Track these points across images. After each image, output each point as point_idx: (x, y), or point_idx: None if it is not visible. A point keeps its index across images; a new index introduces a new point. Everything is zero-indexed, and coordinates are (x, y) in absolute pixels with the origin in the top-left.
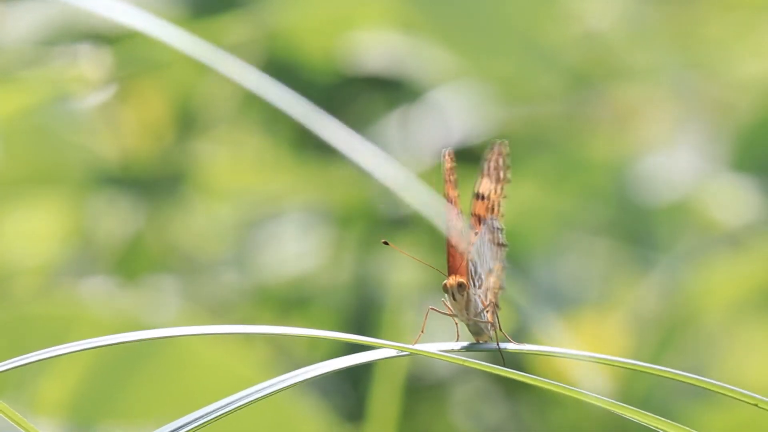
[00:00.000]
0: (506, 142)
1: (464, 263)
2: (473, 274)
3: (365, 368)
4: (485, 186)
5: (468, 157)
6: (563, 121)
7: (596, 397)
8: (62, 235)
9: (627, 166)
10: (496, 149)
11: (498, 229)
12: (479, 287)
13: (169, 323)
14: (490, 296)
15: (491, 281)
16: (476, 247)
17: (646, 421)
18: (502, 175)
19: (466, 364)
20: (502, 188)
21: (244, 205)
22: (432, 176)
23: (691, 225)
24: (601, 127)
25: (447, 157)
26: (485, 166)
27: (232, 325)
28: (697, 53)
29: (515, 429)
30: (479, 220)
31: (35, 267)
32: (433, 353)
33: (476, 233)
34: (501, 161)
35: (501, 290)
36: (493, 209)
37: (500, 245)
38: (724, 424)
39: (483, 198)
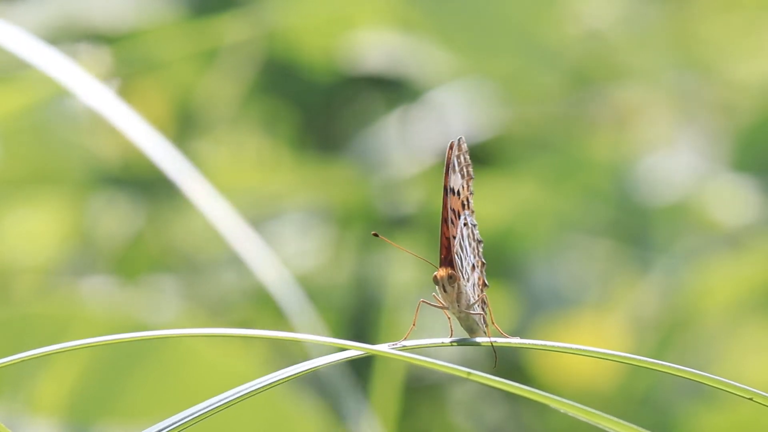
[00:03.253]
0: (464, 138)
1: (453, 255)
2: (460, 267)
3: (365, 368)
4: (455, 182)
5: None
6: (563, 121)
7: (585, 409)
8: (62, 235)
9: (627, 166)
10: (457, 145)
11: (473, 224)
12: (467, 281)
13: (169, 323)
14: (477, 291)
15: (475, 277)
16: (458, 240)
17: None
18: (467, 171)
19: (453, 372)
20: (469, 183)
21: (244, 205)
22: (431, 176)
23: (691, 225)
24: (601, 127)
25: (455, 145)
26: (453, 162)
27: (231, 325)
28: (696, 53)
29: (515, 429)
30: (456, 214)
31: (35, 267)
32: (422, 360)
33: (465, 225)
34: (464, 158)
35: (485, 287)
36: (463, 205)
37: (478, 241)
38: (724, 423)
39: (456, 193)
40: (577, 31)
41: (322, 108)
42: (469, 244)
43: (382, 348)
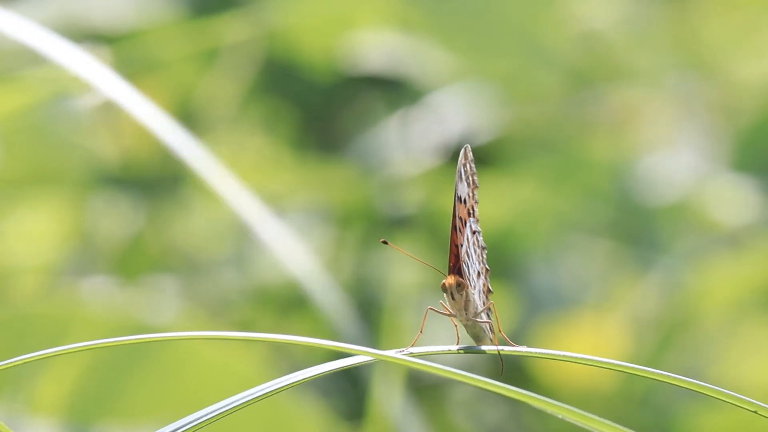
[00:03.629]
0: (469, 146)
1: (462, 264)
2: (467, 275)
3: (365, 368)
4: (462, 190)
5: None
6: (563, 121)
7: (586, 415)
8: (62, 235)
9: (627, 166)
10: (463, 154)
11: (478, 231)
12: (474, 288)
13: (169, 323)
14: (483, 299)
15: (480, 283)
16: (465, 248)
17: None
18: (472, 179)
19: (456, 377)
20: (474, 192)
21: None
22: (431, 176)
23: (691, 225)
24: (601, 128)
25: (462, 153)
26: (460, 171)
27: (231, 325)
28: (697, 54)
29: (515, 429)
30: (463, 222)
31: (35, 267)
32: (432, 367)
33: (474, 233)
34: (470, 166)
35: (489, 293)
36: (469, 213)
37: (482, 248)
38: (723, 424)
39: (463, 201)
40: (577, 31)
41: (322, 108)
42: (474, 252)
43: (392, 354)
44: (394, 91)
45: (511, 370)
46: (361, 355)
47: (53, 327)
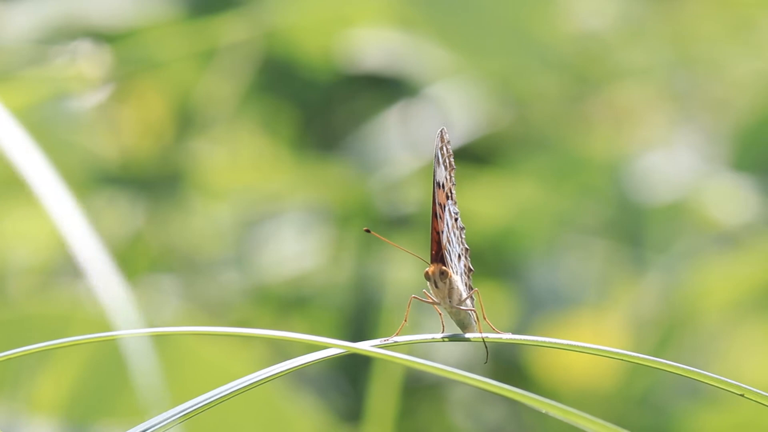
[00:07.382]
0: (445, 129)
1: (444, 251)
2: (450, 262)
3: (363, 367)
4: (440, 174)
5: (466, 155)
6: (561, 120)
7: (578, 414)
8: (62, 235)
9: (625, 165)
10: (440, 137)
11: (456, 213)
12: (456, 272)
13: (168, 323)
14: (465, 279)
15: (461, 265)
16: (445, 234)
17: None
18: (449, 161)
19: (442, 373)
20: (451, 174)
21: (243, 205)
22: (430, 174)
23: (690, 224)
24: (599, 127)
25: (438, 137)
26: (437, 155)
27: (231, 324)
28: (694, 52)
29: (515, 429)
30: (442, 207)
31: (35, 267)
32: (402, 359)
33: (454, 216)
34: (446, 149)
35: (471, 272)
36: (448, 196)
37: (461, 229)
38: (723, 423)
39: (441, 186)
40: (574, 29)
41: (321, 107)
42: (454, 234)
43: (364, 346)
44: (392, 89)
45: (507, 368)
46: (336, 348)
47: (52, 327)
